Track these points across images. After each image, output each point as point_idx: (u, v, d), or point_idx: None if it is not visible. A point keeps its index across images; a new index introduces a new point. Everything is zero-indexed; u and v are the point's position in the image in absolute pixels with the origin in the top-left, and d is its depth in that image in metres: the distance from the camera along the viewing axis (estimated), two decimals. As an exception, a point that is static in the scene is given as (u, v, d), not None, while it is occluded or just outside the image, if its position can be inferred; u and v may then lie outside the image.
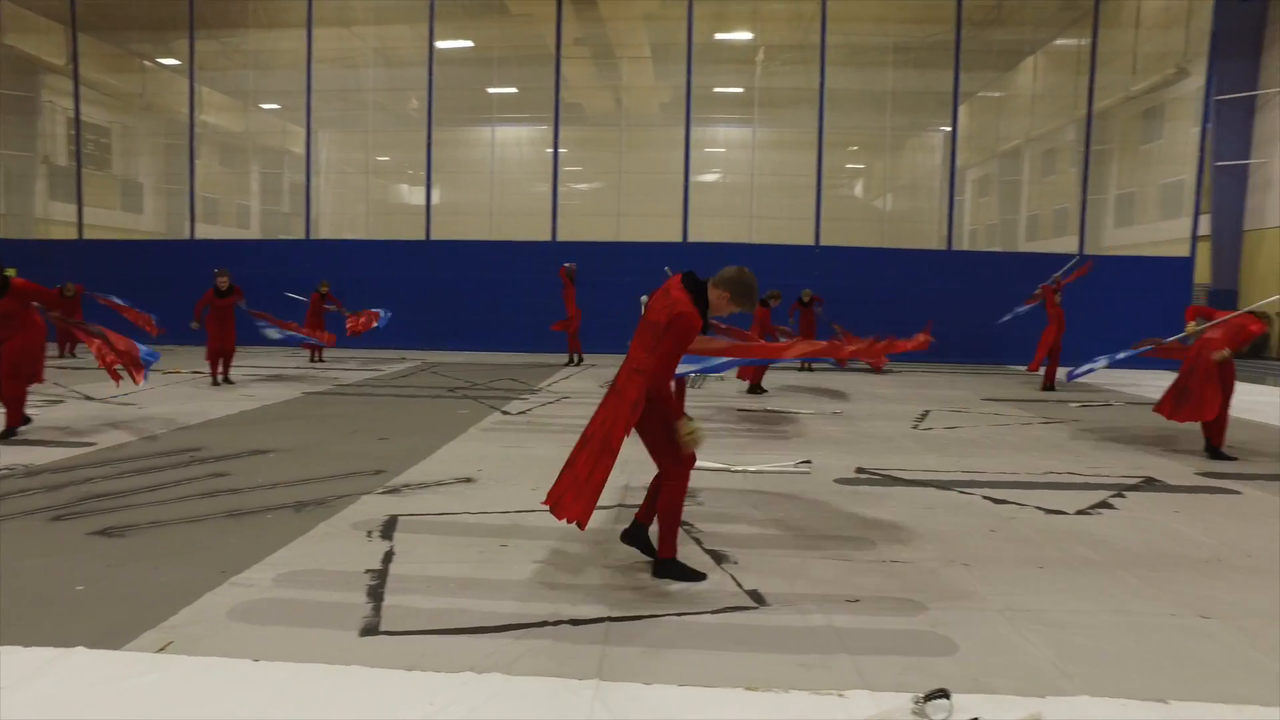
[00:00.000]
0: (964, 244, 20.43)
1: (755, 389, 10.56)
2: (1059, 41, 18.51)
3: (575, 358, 14.02)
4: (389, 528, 4.38)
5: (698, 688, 2.71)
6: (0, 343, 6.59)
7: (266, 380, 11.04)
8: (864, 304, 16.08)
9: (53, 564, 3.77)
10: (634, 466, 5.26)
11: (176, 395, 9.40)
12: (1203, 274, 20.39)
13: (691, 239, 17.55)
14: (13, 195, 18.89)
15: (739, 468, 6.01)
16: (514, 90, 20.52)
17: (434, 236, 17.78)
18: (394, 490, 5.18)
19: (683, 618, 3.29)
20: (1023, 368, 13.92)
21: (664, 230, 18.45)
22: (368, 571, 3.71)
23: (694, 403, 9.50)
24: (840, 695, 2.69)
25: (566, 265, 13.74)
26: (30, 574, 3.63)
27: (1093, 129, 17.59)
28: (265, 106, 21.51)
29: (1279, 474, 6.34)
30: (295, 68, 18.58)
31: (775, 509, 4.97)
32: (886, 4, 17.82)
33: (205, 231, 19.45)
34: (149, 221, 23.23)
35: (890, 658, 2.96)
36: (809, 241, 17.85)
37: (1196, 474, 6.30)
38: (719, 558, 4.02)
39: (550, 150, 22.48)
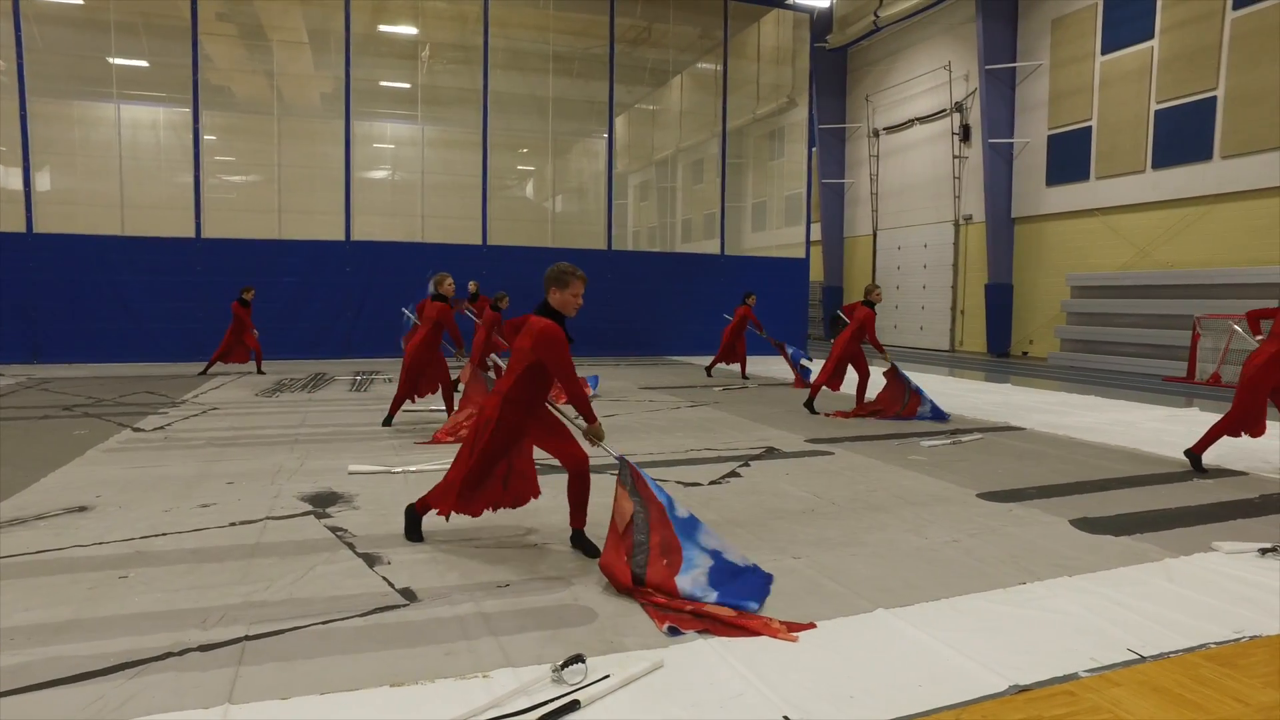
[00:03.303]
0: (629, 244, 21.96)
1: None
2: (700, 65, 20.67)
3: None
4: (-38, 576, 3.67)
5: (339, 693, 2.66)
6: None
7: None
8: (529, 303, 16.50)
9: None
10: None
11: None
12: (817, 273, 24.07)
13: (358, 237, 16.77)
14: None
15: (399, 469, 5.92)
16: (144, 64, 17.97)
17: (41, 229, 14.98)
18: (-27, 531, 4.34)
19: (328, 625, 3.19)
20: (680, 359, 15.34)
21: (329, 228, 17.44)
22: (-73, 631, 3.08)
23: (360, 406, 9.15)
24: (484, 676, 2.81)
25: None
26: None
27: (729, 145, 19.88)
28: None
29: (861, 436, 7.74)
30: None
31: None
32: (546, 14, 18.53)
33: None
34: None
35: (535, 634, 3.15)
36: (479, 241, 17.99)
37: (805, 440, 7.46)
38: (371, 560, 3.95)
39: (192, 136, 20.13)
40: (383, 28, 18.83)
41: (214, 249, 15.16)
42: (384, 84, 19.55)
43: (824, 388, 9.19)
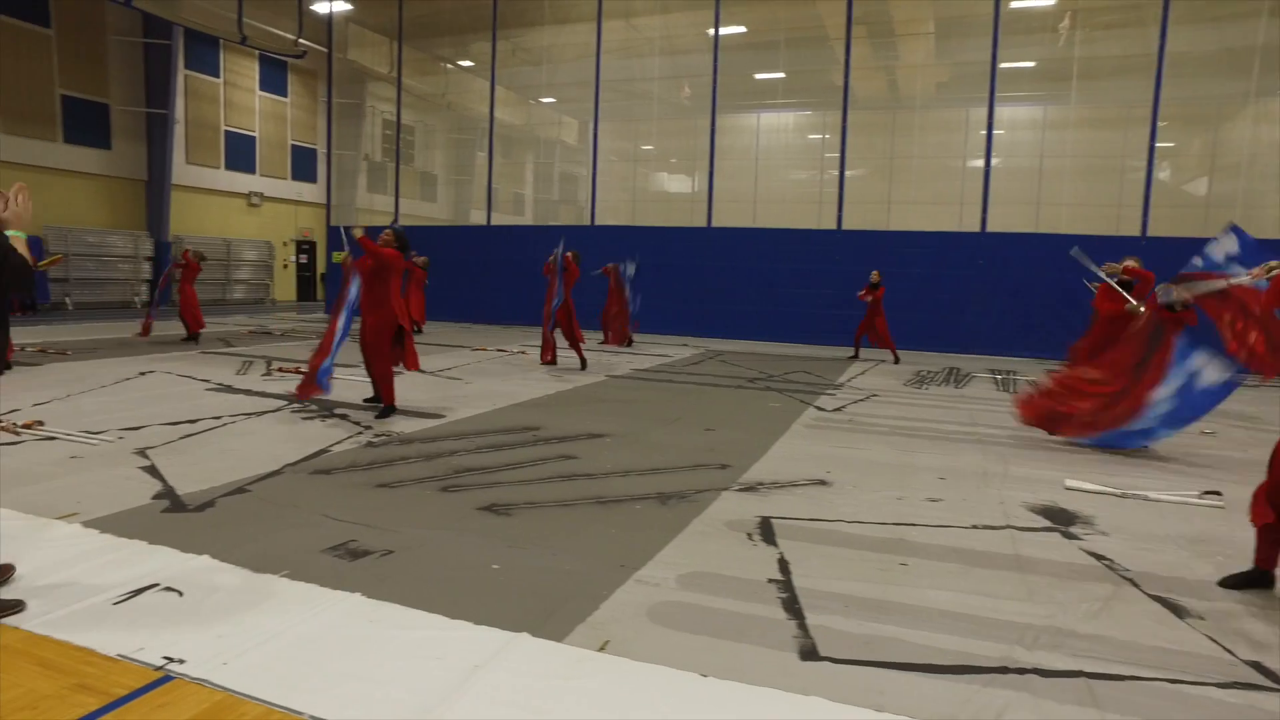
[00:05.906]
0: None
1: None
2: None
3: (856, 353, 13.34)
4: (766, 532, 4.17)
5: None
6: (368, 314, 6.86)
7: (560, 365, 11.32)
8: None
9: (458, 537, 3.95)
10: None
11: (489, 373, 10.04)
12: None
13: (970, 227, 15.91)
14: (342, 189, 21.54)
15: (1126, 492, 5.17)
16: (781, 75, 20.03)
17: (699, 224, 17.67)
18: (750, 488, 4.99)
19: (1177, 686, 2.72)
20: None
21: (938, 219, 17.09)
22: (771, 581, 3.49)
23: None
24: None
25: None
26: (444, 545, 3.83)
27: None
28: (544, 100, 22.82)
29: None
30: (576, 62, 19.40)
31: (1212, 551, 4.13)
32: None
33: (482, 218, 20.93)
34: (442, 210, 25.66)
35: None
36: (1109, 231, 15.58)
37: None
38: (1178, 610, 3.36)
39: (816, 136, 21.88)
40: (1015, 4, 17.64)
41: (849, 241, 15.99)
42: (1004, 65, 18.36)
43: None
